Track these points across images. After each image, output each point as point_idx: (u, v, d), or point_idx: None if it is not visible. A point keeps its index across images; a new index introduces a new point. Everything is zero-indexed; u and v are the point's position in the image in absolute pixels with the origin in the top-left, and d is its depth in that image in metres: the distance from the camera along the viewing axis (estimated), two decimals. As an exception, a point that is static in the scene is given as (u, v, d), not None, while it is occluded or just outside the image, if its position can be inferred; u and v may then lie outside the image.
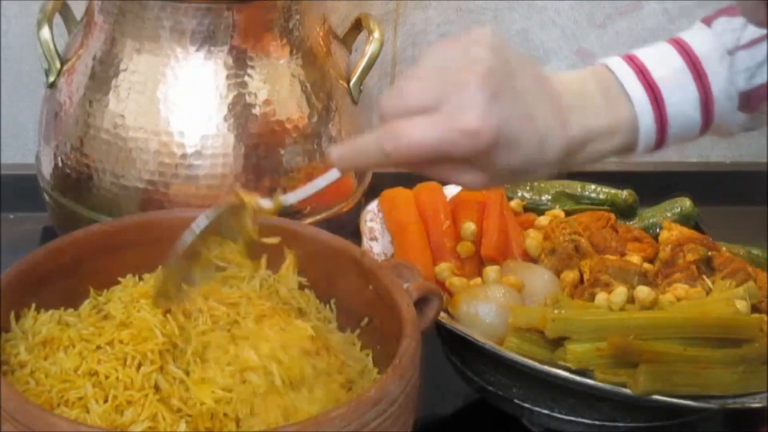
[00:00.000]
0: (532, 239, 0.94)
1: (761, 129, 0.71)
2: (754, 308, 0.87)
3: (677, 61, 0.67)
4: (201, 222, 0.70)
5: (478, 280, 0.90)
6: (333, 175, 0.67)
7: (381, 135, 0.62)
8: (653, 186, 1.17)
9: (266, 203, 0.70)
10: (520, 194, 1.05)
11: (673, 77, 0.67)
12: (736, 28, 0.68)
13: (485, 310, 0.85)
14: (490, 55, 0.62)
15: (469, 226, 0.94)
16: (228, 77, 0.91)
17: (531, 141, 0.63)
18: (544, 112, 0.64)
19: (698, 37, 0.68)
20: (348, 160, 0.66)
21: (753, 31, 0.67)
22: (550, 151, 0.64)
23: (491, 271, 0.90)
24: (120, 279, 0.79)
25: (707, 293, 0.90)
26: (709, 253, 0.94)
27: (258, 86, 0.91)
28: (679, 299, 0.88)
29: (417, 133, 0.61)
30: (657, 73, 0.67)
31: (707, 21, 0.69)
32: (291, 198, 0.70)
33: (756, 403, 0.80)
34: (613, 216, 1.00)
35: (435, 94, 0.61)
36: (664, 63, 0.67)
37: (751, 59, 0.67)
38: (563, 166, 0.66)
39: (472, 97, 0.60)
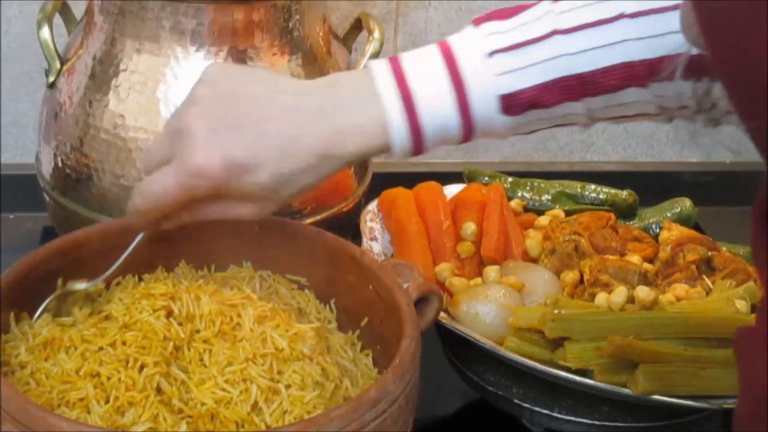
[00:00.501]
0: (532, 239, 0.94)
1: (530, 132, 0.70)
2: (754, 308, 0.87)
3: (437, 65, 0.66)
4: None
5: (478, 280, 0.90)
6: (138, 238, 0.74)
7: (133, 195, 0.69)
8: (653, 186, 1.18)
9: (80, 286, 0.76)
10: (520, 194, 1.05)
11: (429, 82, 0.66)
12: (500, 31, 0.66)
13: (485, 310, 0.85)
14: (207, 92, 0.66)
15: (469, 226, 0.94)
16: (228, 77, 0.91)
17: (270, 157, 0.65)
18: (281, 123, 0.65)
19: (462, 38, 0.67)
20: (133, 221, 0.72)
21: (513, 36, 0.66)
22: (297, 160, 0.65)
23: (491, 271, 0.90)
24: (120, 279, 0.79)
25: (707, 293, 0.90)
26: (709, 253, 0.94)
27: (258, 86, 0.91)
28: (679, 299, 0.88)
29: (157, 186, 0.66)
30: (413, 78, 0.66)
31: (477, 22, 0.68)
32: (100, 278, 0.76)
33: (756, 403, 0.80)
34: (613, 216, 1.00)
35: (167, 145, 0.67)
36: (423, 67, 0.66)
37: (509, 63, 0.65)
38: (323, 169, 0.66)
39: (191, 139, 0.64)
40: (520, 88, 0.66)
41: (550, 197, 1.05)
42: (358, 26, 1.03)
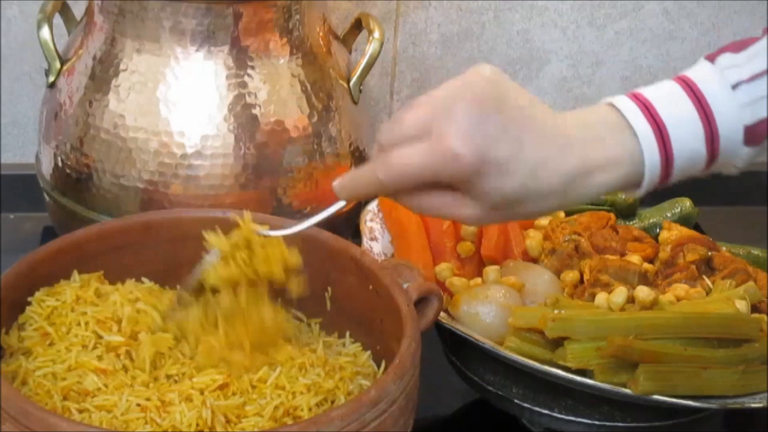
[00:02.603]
0: (532, 239, 0.94)
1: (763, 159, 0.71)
2: (754, 308, 0.87)
3: (682, 97, 0.67)
4: (210, 257, 0.72)
5: (478, 280, 0.90)
6: (336, 205, 0.69)
7: (375, 163, 0.65)
8: (653, 186, 1.17)
9: (269, 232, 0.72)
10: (520, 194, 1.05)
11: (677, 112, 0.66)
12: (738, 64, 0.68)
13: (485, 310, 0.85)
14: (482, 83, 0.64)
15: (469, 226, 0.94)
16: (228, 77, 0.91)
17: (522, 168, 0.63)
18: (539, 140, 0.64)
19: (702, 73, 0.68)
20: (347, 190, 0.67)
21: (754, 66, 0.67)
22: (546, 180, 0.64)
23: (491, 271, 0.90)
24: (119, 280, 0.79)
25: (707, 293, 0.90)
26: (709, 253, 0.94)
27: (258, 86, 0.91)
28: (679, 299, 0.88)
29: (405, 159, 0.63)
30: (662, 109, 0.66)
31: (710, 58, 0.69)
32: (296, 228, 0.73)
33: (756, 403, 0.80)
34: (613, 216, 1.00)
35: (426, 120, 0.63)
36: (668, 99, 0.67)
37: (755, 92, 0.66)
38: (564, 198, 0.65)
39: (456, 121, 0.62)
40: (763, 116, 0.67)
41: (550, 197, 1.05)
42: (358, 26, 1.03)
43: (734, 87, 0.67)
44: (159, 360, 0.71)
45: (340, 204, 0.69)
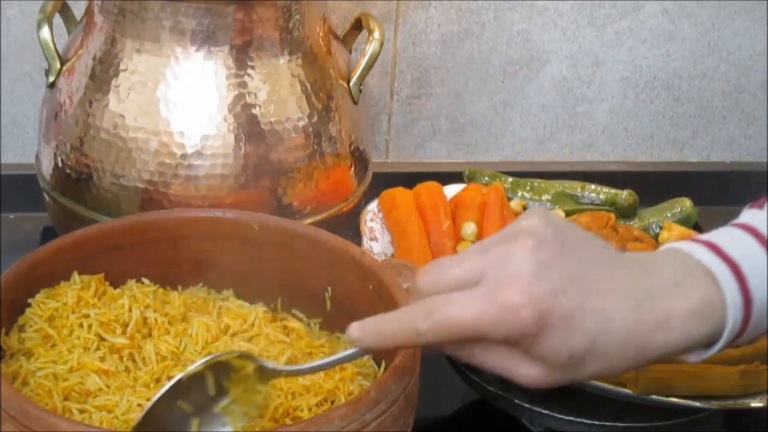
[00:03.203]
0: (532, 239, 0.94)
1: None
2: (754, 308, 0.87)
3: (747, 240, 0.60)
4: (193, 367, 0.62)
5: (478, 280, 0.90)
6: (352, 354, 0.62)
7: (414, 311, 0.57)
8: (653, 186, 1.18)
9: (275, 366, 0.65)
10: (520, 194, 1.05)
11: (747, 252, 0.59)
12: None
13: (485, 310, 0.84)
14: (541, 225, 0.57)
15: (469, 226, 0.93)
16: (228, 77, 0.91)
17: (591, 322, 0.55)
18: (608, 289, 0.56)
19: (758, 218, 0.61)
20: (372, 338, 0.59)
21: None
22: (618, 335, 0.56)
23: (491, 271, 0.90)
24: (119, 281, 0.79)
25: (707, 293, 0.89)
26: (709, 253, 0.94)
27: (258, 86, 0.91)
28: (679, 299, 0.87)
29: (454, 310, 0.55)
30: (731, 250, 0.59)
31: (760, 205, 0.63)
32: (304, 368, 0.65)
33: (756, 403, 0.80)
34: (613, 216, 1.00)
35: (477, 268, 0.56)
36: (734, 240, 0.60)
37: None
38: (640, 357, 0.57)
39: (516, 269, 0.55)
40: None
41: (550, 197, 1.05)
42: (358, 26, 1.03)
43: None
44: (162, 361, 0.71)
45: (356, 354, 0.61)
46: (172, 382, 0.61)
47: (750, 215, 0.63)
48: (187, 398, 0.61)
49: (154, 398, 0.60)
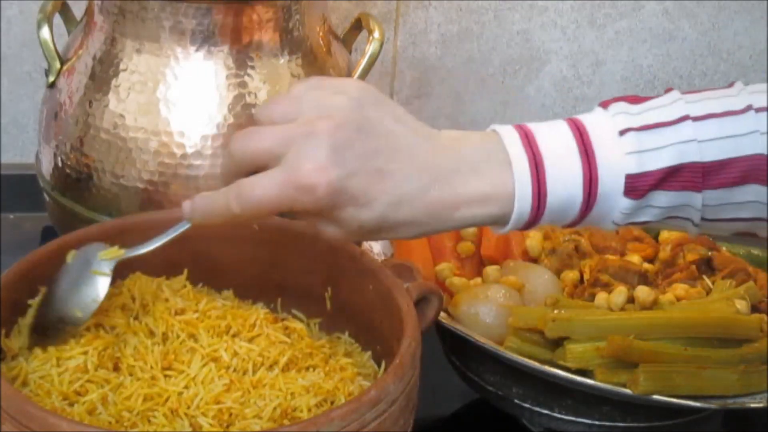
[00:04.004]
0: (532, 239, 0.94)
1: (640, 223, 0.66)
2: (754, 308, 0.87)
3: (566, 133, 0.64)
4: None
5: (478, 280, 0.90)
6: (182, 227, 0.69)
7: (228, 194, 0.63)
8: (653, 186, 1.17)
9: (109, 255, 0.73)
10: (520, 194, 1.05)
11: (557, 147, 0.63)
12: (631, 112, 0.65)
13: (485, 310, 0.85)
14: (348, 106, 0.62)
15: (469, 226, 0.94)
16: (228, 77, 0.91)
17: (381, 201, 0.61)
18: (403, 172, 0.62)
19: (592, 116, 0.65)
20: (200, 214, 0.66)
21: (647, 118, 0.64)
22: (408, 213, 0.62)
23: (491, 271, 0.90)
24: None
25: (707, 293, 0.90)
26: (709, 253, 0.94)
27: (258, 86, 0.91)
28: (679, 299, 0.88)
29: (258, 191, 0.61)
30: (542, 141, 0.63)
31: (604, 104, 0.66)
32: (139, 250, 0.72)
33: (756, 403, 0.80)
34: (613, 216, 1.00)
35: (281, 141, 0.61)
36: (551, 132, 0.64)
37: (643, 143, 0.63)
38: (425, 229, 0.64)
39: (313, 149, 0.60)
40: (647, 169, 0.63)
41: (550, 197, 1.05)
42: (358, 26, 1.03)
43: (621, 133, 0.64)
44: (164, 361, 0.71)
45: (186, 226, 0.68)
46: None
47: (590, 113, 0.66)
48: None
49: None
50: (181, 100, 0.90)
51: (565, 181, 0.63)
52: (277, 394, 0.69)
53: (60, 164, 0.95)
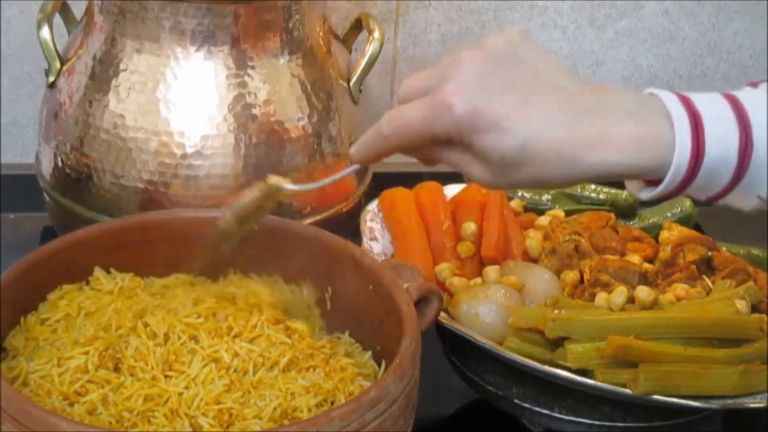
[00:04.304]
0: (532, 239, 0.94)
1: None
2: (754, 308, 0.87)
3: (722, 102, 0.63)
4: (237, 204, 0.74)
5: (478, 280, 0.90)
6: (350, 168, 0.72)
7: (381, 121, 0.65)
8: (653, 186, 1.17)
9: (291, 186, 0.73)
10: (520, 194, 1.05)
11: (715, 110, 0.62)
12: None
13: (485, 310, 0.85)
14: (500, 41, 0.62)
15: (469, 226, 0.94)
16: (228, 77, 0.91)
17: (522, 127, 0.60)
18: (548, 102, 0.61)
19: (745, 92, 0.65)
20: (360, 151, 0.68)
21: None
22: (551, 143, 0.60)
23: (491, 271, 0.90)
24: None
25: (707, 293, 0.90)
26: (709, 253, 0.94)
27: (258, 86, 0.91)
28: (679, 299, 0.88)
29: (406, 113, 0.63)
30: (699, 103, 0.62)
31: (753, 84, 0.66)
32: (311, 186, 0.76)
33: (756, 403, 0.80)
34: (613, 216, 1.00)
35: (434, 76, 0.63)
36: (706, 98, 0.63)
37: None
38: (573, 167, 0.61)
39: (457, 73, 0.61)
40: None
41: (550, 197, 1.05)
42: (358, 26, 1.03)
43: None
44: (165, 362, 0.71)
45: (354, 167, 0.71)
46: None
47: (742, 91, 0.65)
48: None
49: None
50: (181, 100, 0.90)
51: (722, 140, 0.61)
52: (277, 395, 0.69)
53: (60, 164, 0.95)
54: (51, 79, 0.95)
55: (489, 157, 0.61)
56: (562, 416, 0.84)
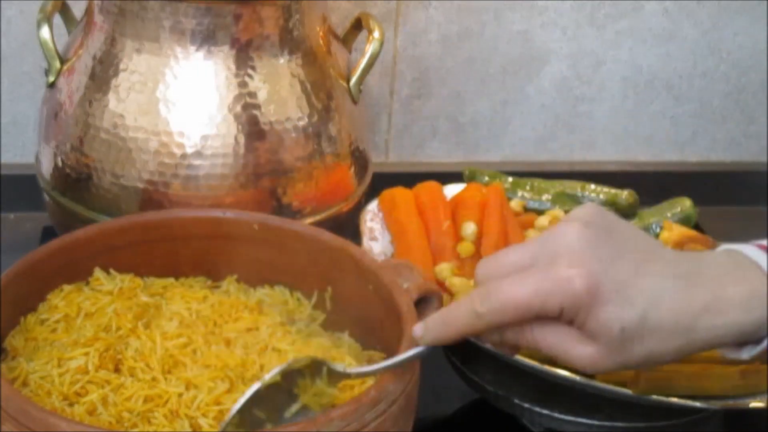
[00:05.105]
0: (532, 239, 0.94)
1: None
2: (754, 308, 0.87)
3: None
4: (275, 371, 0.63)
5: (478, 280, 0.90)
6: (417, 352, 0.65)
7: (472, 296, 0.60)
8: (653, 186, 1.18)
9: (344, 368, 0.66)
10: (520, 194, 1.05)
11: None
12: None
13: (485, 310, 0.84)
14: (590, 213, 0.60)
15: (469, 226, 0.93)
16: (228, 77, 0.91)
17: (642, 296, 0.58)
18: (659, 268, 0.59)
19: None
20: (435, 331, 0.63)
21: None
22: (670, 313, 0.58)
23: (491, 271, 0.90)
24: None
25: (707, 293, 0.89)
26: (710, 253, 0.94)
27: (258, 86, 0.91)
28: (679, 299, 0.87)
29: (509, 288, 0.58)
30: None
31: None
32: (371, 369, 0.67)
33: (756, 403, 0.80)
34: (613, 216, 1.00)
35: (530, 251, 0.59)
36: None
37: None
38: (690, 337, 0.59)
39: (566, 245, 0.58)
40: None
41: (550, 197, 1.05)
42: (358, 26, 1.03)
43: None
44: (166, 363, 0.71)
45: (419, 351, 0.64)
46: (250, 392, 0.62)
47: None
48: (260, 406, 0.62)
49: (235, 408, 0.61)
50: (181, 100, 0.90)
51: None
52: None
53: (60, 164, 0.95)
54: (51, 79, 0.95)
55: (606, 332, 0.58)
56: (562, 416, 0.84)
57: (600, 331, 0.58)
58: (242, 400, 0.61)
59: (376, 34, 0.98)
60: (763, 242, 0.63)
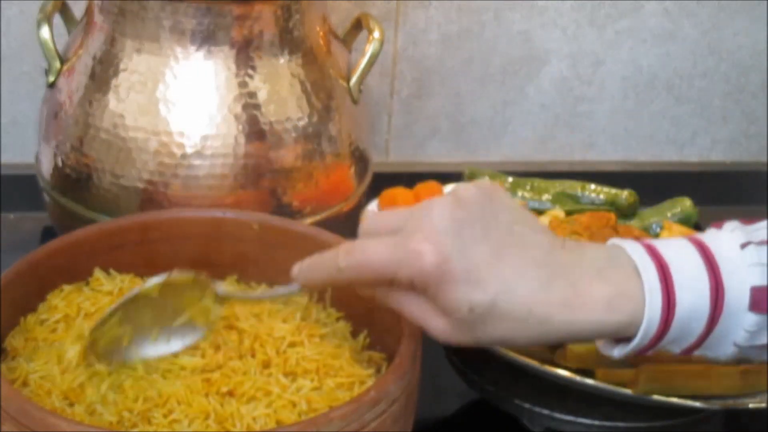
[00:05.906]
0: (532, 239, 0.94)
1: (763, 346, 0.62)
2: (754, 308, 0.87)
3: (687, 246, 0.61)
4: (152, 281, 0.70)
5: (478, 280, 0.90)
6: (291, 288, 0.68)
7: (338, 250, 0.62)
8: (653, 186, 1.18)
9: (224, 291, 0.72)
10: (520, 194, 1.05)
11: (683, 258, 0.60)
12: (747, 230, 0.63)
13: (485, 310, 0.84)
14: (473, 191, 0.60)
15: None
16: (228, 77, 0.91)
17: (496, 281, 0.58)
18: (522, 257, 0.59)
19: (708, 234, 0.63)
20: (305, 274, 0.65)
21: (762, 234, 0.62)
22: (522, 303, 0.58)
23: (491, 271, 0.90)
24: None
25: (707, 293, 0.89)
26: (710, 253, 0.94)
27: (258, 86, 0.91)
28: (679, 299, 0.87)
29: (369, 249, 0.60)
30: (666, 252, 0.60)
31: (716, 225, 0.64)
32: (252, 295, 0.73)
33: (756, 403, 0.80)
34: (613, 216, 1.00)
35: (404, 220, 0.60)
36: (673, 246, 0.61)
37: (762, 257, 0.61)
38: (542, 328, 0.59)
39: (430, 220, 0.59)
40: None
41: (550, 197, 1.05)
42: (358, 26, 1.03)
43: (743, 246, 0.62)
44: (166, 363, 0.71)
45: (294, 288, 0.67)
46: (129, 295, 0.69)
47: (704, 232, 0.64)
48: (145, 313, 0.69)
49: (112, 307, 0.69)
50: (181, 100, 0.90)
51: (692, 290, 0.60)
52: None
53: (60, 164, 0.95)
54: (51, 79, 0.95)
55: (455, 310, 0.59)
56: (562, 416, 0.84)
57: (449, 307, 0.59)
58: (118, 302, 0.68)
59: (376, 34, 0.98)
60: (648, 240, 0.62)
